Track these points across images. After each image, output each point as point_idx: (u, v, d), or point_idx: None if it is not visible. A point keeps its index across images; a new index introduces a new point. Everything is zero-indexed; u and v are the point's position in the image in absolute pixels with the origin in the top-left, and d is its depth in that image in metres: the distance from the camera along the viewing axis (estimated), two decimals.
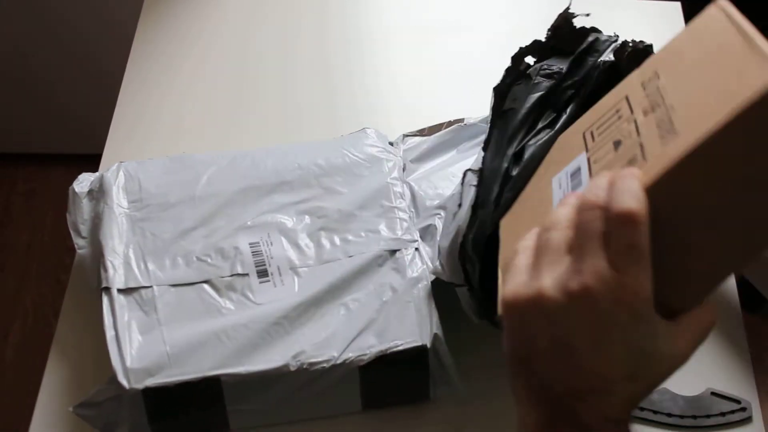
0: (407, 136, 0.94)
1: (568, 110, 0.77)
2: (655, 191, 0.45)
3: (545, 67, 0.79)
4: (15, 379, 1.74)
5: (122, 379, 0.70)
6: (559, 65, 0.79)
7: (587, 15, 0.81)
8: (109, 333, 0.74)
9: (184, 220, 0.82)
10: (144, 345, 0.73)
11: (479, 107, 0.93)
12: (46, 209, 2.01)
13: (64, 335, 0.83)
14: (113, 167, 0.87)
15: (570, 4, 0.83)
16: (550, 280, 0.45)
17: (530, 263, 0.47)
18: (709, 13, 0.50)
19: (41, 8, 1.77)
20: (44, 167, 2.06)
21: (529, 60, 0.82)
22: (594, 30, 0.81)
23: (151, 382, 0.71)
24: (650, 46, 0.77)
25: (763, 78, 0.42)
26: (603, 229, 0.44)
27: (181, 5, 1.19)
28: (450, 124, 0.94)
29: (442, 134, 0.93)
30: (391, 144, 0.92)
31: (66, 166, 1.90)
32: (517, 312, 0.46)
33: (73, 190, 0.87)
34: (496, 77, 1.10)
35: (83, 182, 0.87)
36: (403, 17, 1.20)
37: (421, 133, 0.94)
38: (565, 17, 0.81)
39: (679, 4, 1.21)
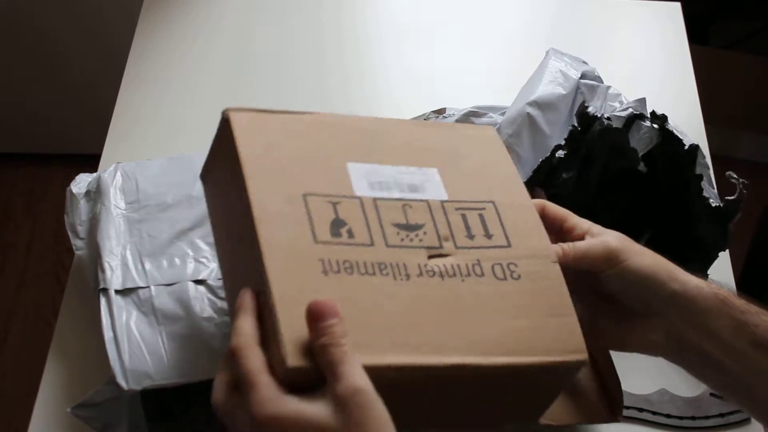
0: None
1: None
2: None
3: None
4: (14, 380, 1.74)
5: (121, 380, 0.70)
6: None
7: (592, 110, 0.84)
8: (108, 334, 0.73)
9: (181, 221, 0.82)
10: (142, 346, 0.73)
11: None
12: (45, 209, 2.01)
13: (63, 335, 0.83)
14: (110, 168, 0.87)
15: (585, 100, 0.84)
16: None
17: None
18: None
19: (39, 9, 1.77)
20: (44, 167, 2.06)
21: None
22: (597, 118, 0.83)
23: (149, 383, 0.70)
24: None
25: None
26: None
27: (180, 6, 1.19)
28: (432, 114, 0.94)
29: None
30: None
31: (65, 166, 1.90)
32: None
33: (71, 191, 0.86)
34: (497, 77, 1.10)
35: (80, 183, 0.87)
36: (402, 16, 1.20)
37: None
38: (584, 108, 0.83)
39: (679, 4, 1.21)
